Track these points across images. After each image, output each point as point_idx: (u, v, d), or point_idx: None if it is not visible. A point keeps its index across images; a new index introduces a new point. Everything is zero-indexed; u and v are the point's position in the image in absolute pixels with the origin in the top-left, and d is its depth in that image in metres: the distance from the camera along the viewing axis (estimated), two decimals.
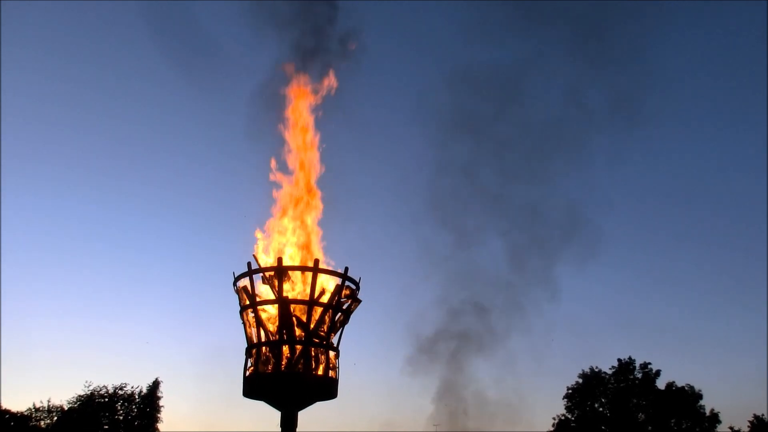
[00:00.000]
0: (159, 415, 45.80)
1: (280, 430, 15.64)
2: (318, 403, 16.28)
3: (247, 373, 15.98)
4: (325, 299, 16.05)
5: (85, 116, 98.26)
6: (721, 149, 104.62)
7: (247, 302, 16.15)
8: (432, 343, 40.30)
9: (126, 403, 45.58)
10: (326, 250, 17.60)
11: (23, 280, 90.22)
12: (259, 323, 15.94)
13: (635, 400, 45.33)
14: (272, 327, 15.97)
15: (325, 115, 19.04)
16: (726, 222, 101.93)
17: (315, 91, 19.07)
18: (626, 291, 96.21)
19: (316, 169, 18.36)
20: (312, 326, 15.71)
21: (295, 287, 16.21)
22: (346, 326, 16.61)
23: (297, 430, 15.58)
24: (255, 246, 17.20)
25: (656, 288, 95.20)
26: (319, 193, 18.16)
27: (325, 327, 16.00)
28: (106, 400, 45.16)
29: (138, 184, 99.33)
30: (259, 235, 17.41)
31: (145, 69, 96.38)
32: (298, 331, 15.68)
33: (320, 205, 18.04)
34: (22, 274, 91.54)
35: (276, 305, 15.84)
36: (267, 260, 16.80)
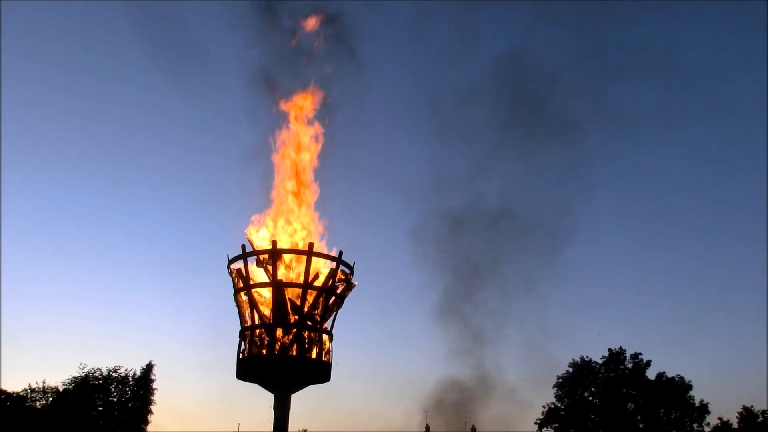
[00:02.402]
0: (152, 398, 46.22)
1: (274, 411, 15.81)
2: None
3: (241, 355, 16.08)
4: (319, 283, 16.14)
5: (80, 106, 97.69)
6: (720, 144, 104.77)
7: (241, 285, 16.21)
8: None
9: (120, 386, 45.93)
10: (321, 235, 17.66)
11: (20, 264, 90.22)
12: (253, 306, 16.01)
13: (625, 390, 45.66)
14: (266, 310, 16.06)
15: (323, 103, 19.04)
16: (721, 215, 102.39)
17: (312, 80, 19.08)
18: (618, 281, 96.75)
19: (313, 153, 18.36)
20: (306, 310, 15.81)
21: (290, 271, 16.27)
22: (340, 310, 16.73)
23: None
24: (249, 229, 17.23)
25: (649, 279, 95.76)
26: (315, 177, 18.20)
27: (319, 311, 16.11)
28: (101, 382, 45.48)
29: (130, 171, 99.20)
30: (253, 218, 17.43)
31: (133, 59, 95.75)
32: (291, 315, 15.77)
33: (317, 189, 18.07)
34: (19, 259, 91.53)
35: (270, 288, 15.93)
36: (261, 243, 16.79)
